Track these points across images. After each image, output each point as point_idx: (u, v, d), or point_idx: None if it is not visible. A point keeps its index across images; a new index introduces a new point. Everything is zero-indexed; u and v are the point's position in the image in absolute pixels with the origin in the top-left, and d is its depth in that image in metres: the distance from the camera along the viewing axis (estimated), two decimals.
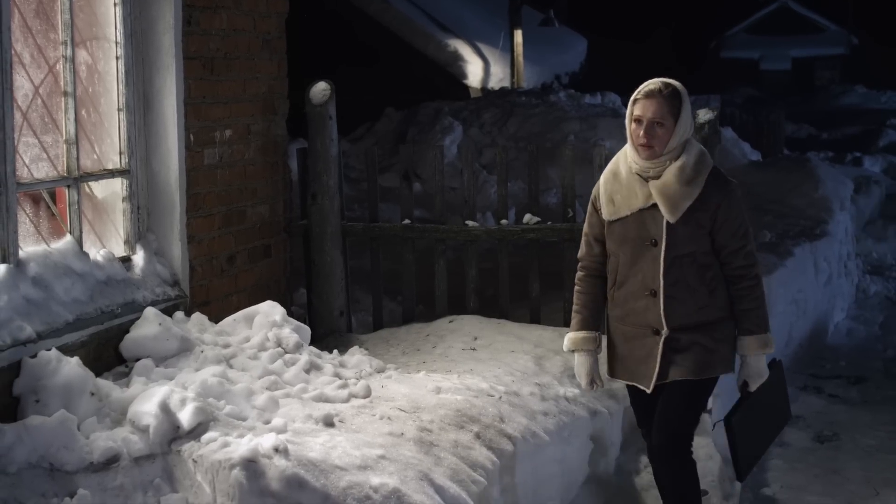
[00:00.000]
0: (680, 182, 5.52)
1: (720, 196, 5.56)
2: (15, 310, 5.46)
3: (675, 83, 5.63)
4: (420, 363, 6.92)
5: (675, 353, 5.62)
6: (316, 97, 7.78)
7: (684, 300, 5.59)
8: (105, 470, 5.08)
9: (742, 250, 5.60)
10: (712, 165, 5.65)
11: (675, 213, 5.51)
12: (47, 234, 6.04)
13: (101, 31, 6.45)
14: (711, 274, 5.61)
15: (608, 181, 5.74)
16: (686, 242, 5.55)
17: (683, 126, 5.57)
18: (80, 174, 6.23)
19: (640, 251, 5.63)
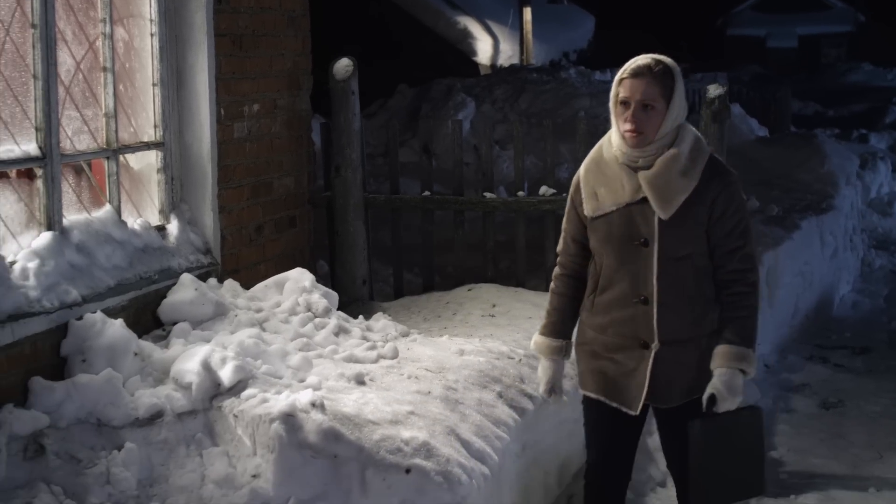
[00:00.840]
0: (674, 173, 4.82)
1: (718, 188, 4.84)
2: (61, 274, 5.74)
3: (666, 60, 4.92)
4: (441, 328, 7.21)
5: (666, 371, 4.92)
6: (339, 73, 8.05)
7: (680, 310, 4.88)
8: (150, 425, 5.38)
9: (739, 251, 4.88)
10: (710, 153, 4.96)
11: (669, 209, 4.80)
12: (88, 203, 6.32)
13: (137, 8, 6.72)
14: (710, 280, 4.93)
15: (590, 172, 5.01)
16: (682, 242, 4.85)
17: (677, 109, 4.85)
18: (118, 146, 6.50)
19: (629, 252, 4.90)
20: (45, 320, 5.54)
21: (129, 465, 5.18)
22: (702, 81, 29.28)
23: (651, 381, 4.93)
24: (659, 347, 4.89)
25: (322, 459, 5.09)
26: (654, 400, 5.00)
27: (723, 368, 4.83)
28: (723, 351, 4.85)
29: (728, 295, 4.90)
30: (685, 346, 4.91)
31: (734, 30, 52.66)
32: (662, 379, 4.94)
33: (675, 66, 4.90)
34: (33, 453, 5.17)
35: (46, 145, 5.84)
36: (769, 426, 8.28)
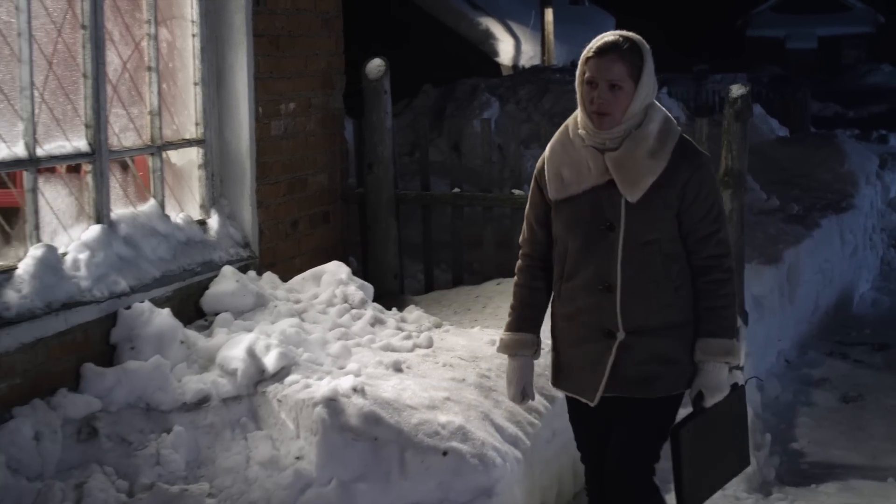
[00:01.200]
0: (641, 154, 4.59)
1: (689, 170, 4.61)
2: (110, 265, 5.97)
3: (634, 36, 4.64)
4: (472, 321, 7.42)
5: (629, 363, 4.65)
6: (372, 72, 8.26)
7: (645, 297, 4.63)
8: (196, 409, 5.61)
9: (714, 236, 4.66)
10: (680, 134, 4.71)
11: (636, 192, 4.57)
12: (133, 198, 6.55)
13: (180, 10, 6.95)
14: (678, 266, 4.67)
15: (555, 153, 4.76)
16: (649, 227, 4.61)
17: (646, 88, 4.61)
18: (161, 143, 6.73)
19: (594, 237, 4.65)
20: (95, 309, 5.77)
21: (178, 448, 5.41)
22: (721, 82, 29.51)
23: (616, 371, 4.64)
24: (624, 337, 4.63)
25: (363, 442, 5.32)
26: (621, 390, 4.68)
27: (709, 364, 4.64)
28: (706, 345, 4.64)
29: (705, 283, 4.66)
30: (655, 335, 4.64)
31: (754, 31, 52.79)
32: (631, 369, 4.64)
33: (643, 44, 4.64)
34: (86, 436, 5.41)
35: (95, 142, 6.07)
36: (789, 419, 8.48)
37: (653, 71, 4.64)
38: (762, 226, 10.75)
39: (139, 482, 5.26)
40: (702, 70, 34.28)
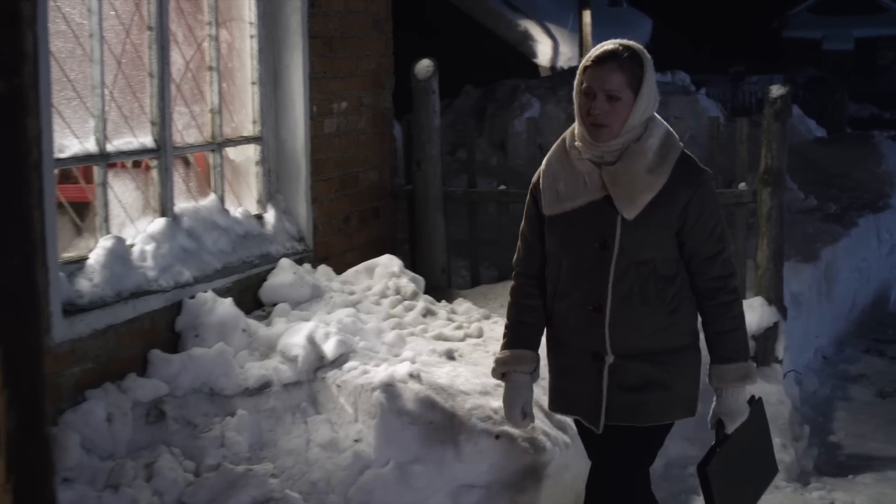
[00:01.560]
0: (639, 169, 4.40)
1: (690, 188, 4.43)
2: (175, 257, 6.23)
3: (635, 45, 4.47)
4: None
5: (622, 389, 4.49)
6: (420, 73, 8.49)
7: (637, 320, 4.44)
8: (259, 394, 5.85)
9: (719, 257, 4.49)
10: (681, 150, 4.52)
11: (633, 209, 4.38)
12: (195, 192, 6.81)
13: (238, 12, 7.20)
14: (674, 289, 4.48)
15: (551, 166, 4.57)
16: (645, 246, 4.43)
17: (646, 99, 4.42)
18: (221, 140, 6.99)
19: (587, 255, 4.46)
20: (161, 298, 6.03)
21: (241, 430, 5.66)
22: (758, 84, 29.63)
23: (609, 398, 4.50)
24: (613, 360, 4.46)
25: (419, 425, 5.56)
26: (619, 418, 4.53)
27: (727, 390, 4.52)
28: (721, 371, 4.51)
29: (712, 306, 4.52)
30: (649, 360, 4.47)
31: (790, 32, 52.71)
32: (624, 396, 4.49)
33: (644, 53, 4.46)
34: (154, 418, 5.66)
35: (160, 138, 6.33)
36: (827, 413, 8.67)
37: (654, 82, 4.47)
38: (800, 224, 10.91)
39: (205, 462, 5.51)
40: (738, 72, 34.40)
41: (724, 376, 4.53)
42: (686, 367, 4.57)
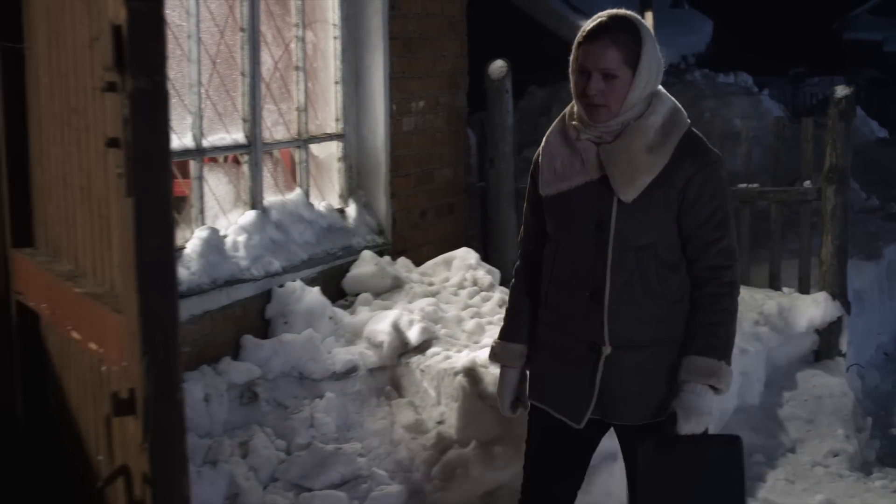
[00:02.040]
0: (638, 148, 4.08)
1: (692, 168, 4.08)
2: (265, 248, 6.54)
3: (631, 16, 4.13)
4: None
5: (617, 382, 4.18)
6: (494, 73, 8.76)
7: (637, 308, 4.13)
8: (345, 378, 6.15)
9: (715, 244, 4.13)
10: (688, 127, 4.18)
11: (630, 190, 4.07)
12: (282, 186, 7.12)
13: (323, 14, 7.50)
14: (678, 278, 4.17)
15: (549, 145, 4.29)
16: (643, 229, 4.12)
17: (646, 75, 4.08)
18: (307, 137, 7.30)
19: (583, 237, 4.17)
20: (252, 286, 6.34)
21: (329, 412, 5.96)
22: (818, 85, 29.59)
23: (602, 392, 4.20)
24: (610, 352, 4.15)
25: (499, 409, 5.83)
26: (608, 414, 4.25)
27: (688, 383, 4.07)
28: (690, 363, 4.09)
29: (702, 295, 4.15)
30: (646, 352, 4.17)
31: (851, 34, 52.40)
32: (618, 390, 4.19)
33: (641, 24, 4.12)
34: (248, 400, 5.97)
35: (251, 134, 6.64)
36: (889, 407, 8.83)
37: (655, 54, 4.12)
38: (862, 223, 11.07)
39: (296, 441, 5.82)
40: (798, 73, 34.36)
41: (692, 368, 4.08)
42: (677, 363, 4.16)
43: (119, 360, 3.42)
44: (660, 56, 4.15)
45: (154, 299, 3.19)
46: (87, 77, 3.75)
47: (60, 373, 4.39)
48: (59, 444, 4.55)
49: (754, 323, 7.96)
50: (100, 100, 3.65)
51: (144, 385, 3.21)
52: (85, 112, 3.82)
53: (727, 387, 4.13)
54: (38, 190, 4.50)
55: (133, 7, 3.07)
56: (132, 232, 3.16)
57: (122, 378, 3.41)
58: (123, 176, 3.17)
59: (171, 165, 3.19)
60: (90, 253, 3.91)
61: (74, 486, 4.37)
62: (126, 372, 3.34)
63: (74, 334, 3.90)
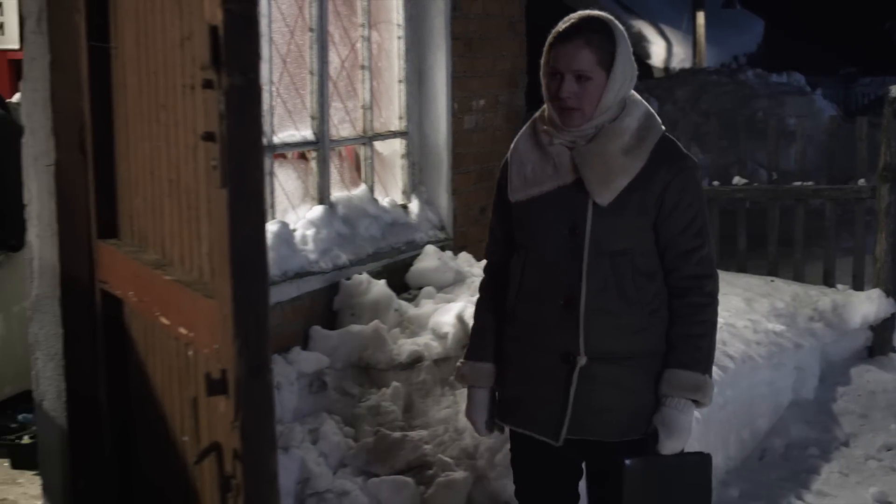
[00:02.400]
0: (614, 151, 3.92)
1: (669, 173, 3.93)
2: (332, 241, 6.73)
3: (604, 16, 3.98)
4: None
5: (594, 395, 3.97)
6: None
7: (613, 317, 3.93)
8: (410, 368, 6.33)
9: (695, 253, 3.97)
10: (662, 132, 4.03)
11: (606, 193, 3.90)
12: (348, 182, 7.31)
13: (387, 15, 7.69)
14: (655, 287, 3.99)
15: (518, 150, 4.16)
16: (619, 235, 3.94)
17: (620, 77, 3.92)
18: (372, 134, 7.49)
19: (556, 243, 3.98)
20: (321, 279, 6.54)
21: (395, 400, 6.14)
22: (870, 86, 29.56)
23: (576, 406, 3.98)
24: (586, 363, 3.94)
25: None
26: (583, 430, 4.01)
27: (671, 398, 3.93)
28: (672, 376, 3.94)
29: (682, 305, 3.97)
30: (623, 365, 3.96)
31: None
32: (593, 404, 3.98)
33: (615, 25, 3.98)
34: (317, 388, 6.17)
35: (319, 131, 6.84)
36: None
37: (629, 56, 3.98)
38: None
39: (363, 429, 6.00)
40: (850, 73, 34.31)
41: (674, 382, 3.94)
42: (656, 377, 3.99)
43: (210, 343, 3.61)
44: (632, 59, 4.01)
45: (246, 284, 3.38)
46: (178, 75, 3.95)
47: (144, 358, 4.58)
48: (141, 426, 4.75)
49: (809, 319, 8.09)
50: (189, 96, 3.85)
51: (236, 366, 3.40)
52: (174, 108, 4.02)
53: (709, 400, 3.99)
54: (124, 183, 4.70)
55: (229, 8, 3.26)
56: (226, 221, 3.35)
57: (213, 360, 3.60)
58: (218, 168, 3.36)
59: (262, 158, 3.38)
60: (178, 242, 4.10)
61: (157, 465, 4.57)
62: (218, 354, 3.53)
63: (163, 320, 4.09)
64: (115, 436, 4.94)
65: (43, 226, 5.17)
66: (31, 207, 5.25)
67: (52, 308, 5.21)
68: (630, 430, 3.99)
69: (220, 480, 3.56)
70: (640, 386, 3.99)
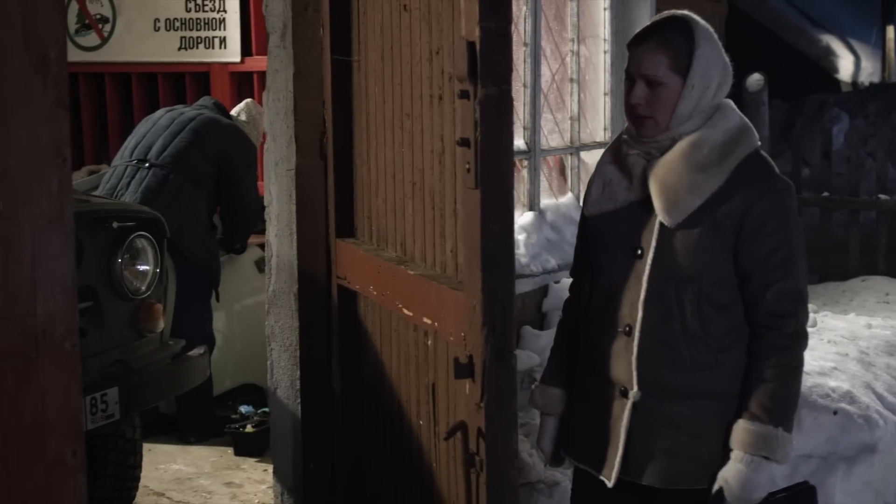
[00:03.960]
0: (689, 166, 3.53)
1: (754, 193, 3.49)
2: (541, 246, 7.05)
3: (686, 16, 3.61)
4: (843, 310, 8.21)
5: (649, 435, 3.60)
6: (752, 86, 9.16)
7: (673, 349, 3.55)
8: None
9: (775, 286, 3.50)
10: (754, 148, 3.59)
11: (674, 213, 3.53)
12: (556, 190, 7.63)
13: (595, 30, 7.98)
14: (728, 323, 3.56)
15: (603, 162, 3.89)
16: (688, 260, 3.54)
17: (700, 83, 3.54)
18: (579, 144, 7.79)
19: (621, 264, 3.66)
20: (531, 282, 6.85)
21: None
22: None
23: (632, 446, 3.63)
24: (640, 397, 3.60)
25: None
26: (640, 474, 3.64)
27: (739, 453, 3.49)
28: (741, 429, 3.50)
29: (759, 348, 3.54)
30: (684, 404, 3.58)
31: None
32: (651, 446, 3.61)
33: (698, 26, 3.58)
34: (528, 384, 6.47)
35: (531, 141, 7.16)
36: None
37: (717, 60, 3.59)
38: None
39: None
40: None
41: (738, 435, 3.51)
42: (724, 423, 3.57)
43: (457, 332, 3.95)
44: (726, 63, 3.63)
45: (495, 277, 3.72)
46: (425, 86, 4.31)
47: (379, 348, 4.95)
48: (373, 411, 5.11)
49: None
50: (437, 106, 4.21)
51: (483, 351, 3.73)
52: (419, 117, 4.38)
53: (784, 457, 3.51)
54: (363, 186, 5.08)
55: (486, 26, 3.62)
56: (478, 219, 3.69)
57: (459, 346, 3.93)
58: (472, 171, 3.70)
59: (512, 162, 3.71)
60: (420, 240, 4.46)
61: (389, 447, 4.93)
62: (465, 341, 3.86)
63: (406, 311, 4.45)
64: (346, 421, 5.30)
65: (282, 226, 5.58)
66: (269, 209, 5.66)
67: (287, 302, 5.62)
68: (699, 481, 3.58)
69: (465, 457, 3.89)
70: (708, 431, 3.57)
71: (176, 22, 9.62)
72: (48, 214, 3.23)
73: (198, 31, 9.53)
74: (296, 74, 5.45)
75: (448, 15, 4.02)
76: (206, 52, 9.49)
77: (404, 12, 4.46)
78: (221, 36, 9.44)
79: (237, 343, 8.10)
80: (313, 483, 5.58)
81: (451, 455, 4.22)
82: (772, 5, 25.31)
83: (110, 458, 6.03)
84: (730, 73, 3.64)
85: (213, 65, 9.45)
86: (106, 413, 5.27)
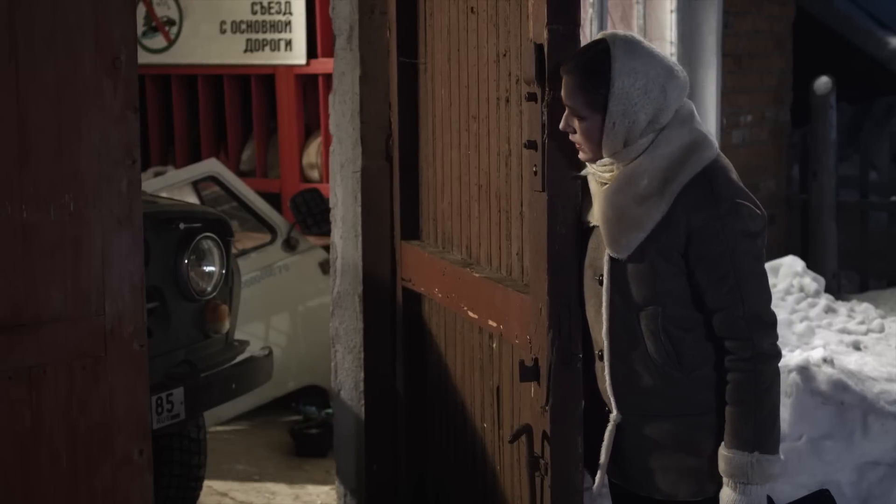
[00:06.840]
0: (629, 200, 3.40)
1: (698, 216, 3.34)
2: None
3: (606, 44, 3.44)
4: None
5: (643, 452, 3.58)
6: (820, 89, 9.06)
7: (644, 373, 3.50)
8: None
9: (727, 312, 3.38)
10: (702, 167, 3.39)
11: (619, 249, 3.43)
12: None
13: (661, 32, 7.95)
14: (696, 344, 3.47)
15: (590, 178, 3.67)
16: (643, 289, 3.45)
17: (621, 121, 3.39)
18: None
19: (592, 290, 3.63)
20: None
21: None
22: None
23: (623, 460, 3.61)
24: (621, 418, 3.56)
25: (830, 405, 6.11)
26: (632, 484, 3.66)
27: (725, 478, 3.43)
28: (721, 456, 3.44)
29: (727, 368, 3.43)
30: (661, 421, 3.53)
31: None
32: (638, 461, 3.59)
33: (620, 57, 3.40)
34: None
35: None
36: None
37: (643, 92, 3.38)
38: None
39: None
40: None
41: (720, 461, 3.46)
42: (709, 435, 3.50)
43: (522, 334, 3.94)
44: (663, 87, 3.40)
45: (560, 280, 3.70)
46: (492, 89, 4.30)
47: (443, 350, 4.94)
48: (437, 413, 5.11)
49: None
50: (504, 108, 4.20)
51: (549, 354, 3.72)
52: (486, 119, 4.37)
53: (765, 479, 3.40)
54: (428, 189, 5.08)
55: (553, 28, 3.61)
56: (545, 221, 3.68)
57: (524, 349, 3.92)
58: (539, 173, 3.69)
59: (577, 165, 3.69)
60: (485, 243, 4.45)
61: (452, 449, 4.92)
62: (530, 344, 3.85)
63: (471, 314, 4.44)
64: (409, 423, 5.30)
65: (347, 228, 5.58)
66: (335, 211, 5.66)
67: (352, 304, 5.62)
68: (697, 494, 3.54)
69: (529, 460, 3.88)
70: (693, 445, 3.52)
71: (242, 24, 9.65)
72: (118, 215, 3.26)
73: (263, 34, 9.55)
74: (362, 77, 5.45)
75: (515, 17, 4.01)
76: (272, 55, 9.50)
77: (471, 14, 4.45)
78: (287, 38, 9.44)
79: (301, 344, 8.11)
80: (376, 484, 5.58)
81: (515, 458, 4.21)
82: (839, 8, 24.97)
83: (175, 458, 6.05)
84: (676, 91, 3.43)
85: (278, 67, 9.45)
86: (171, 413, 5.30)
